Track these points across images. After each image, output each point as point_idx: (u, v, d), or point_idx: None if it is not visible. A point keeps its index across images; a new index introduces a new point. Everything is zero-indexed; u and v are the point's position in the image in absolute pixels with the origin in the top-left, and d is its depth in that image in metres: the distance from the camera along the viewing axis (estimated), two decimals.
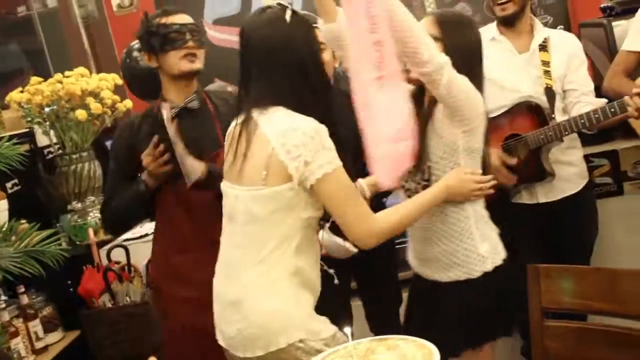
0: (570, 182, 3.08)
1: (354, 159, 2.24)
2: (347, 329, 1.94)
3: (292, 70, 2.05)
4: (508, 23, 3.07)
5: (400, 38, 2.03)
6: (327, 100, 2.10)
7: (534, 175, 2.99)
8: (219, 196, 2.25)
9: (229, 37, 5.63)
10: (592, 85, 3.08)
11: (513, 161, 2.89)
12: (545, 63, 3.02)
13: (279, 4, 2.12)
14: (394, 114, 1.88)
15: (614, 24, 3.64)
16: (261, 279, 2.06)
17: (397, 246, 3.07)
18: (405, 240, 2.60)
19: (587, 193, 3.18)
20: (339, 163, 1.98)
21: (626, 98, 2.66)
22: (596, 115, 2.79)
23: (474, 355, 2.32)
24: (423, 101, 2.37)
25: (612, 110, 2.74)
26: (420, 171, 2.32)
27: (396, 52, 2.05)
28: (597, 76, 4.03)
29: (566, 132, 2.88)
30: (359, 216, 2.00)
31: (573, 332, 2.05)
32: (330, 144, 1.97)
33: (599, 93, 3.22)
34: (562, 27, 5.85)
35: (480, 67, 2.34)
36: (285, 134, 1.97)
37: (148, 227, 3.88)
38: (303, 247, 2.07)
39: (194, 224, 2.61)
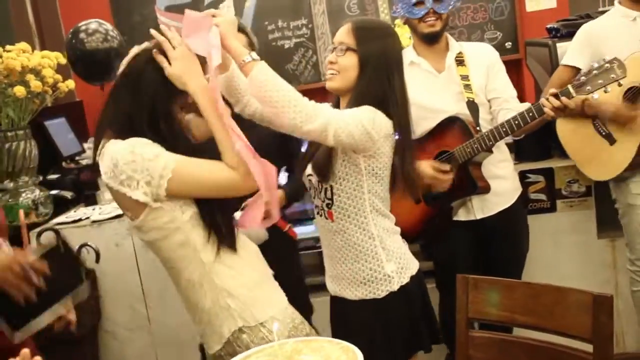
0: (505, 195, 3.10)
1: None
2: (275, 325, 1.93)
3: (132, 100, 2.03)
4: (432, 40, 3.03)
5: (274, 112, 2.06)
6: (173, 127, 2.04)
7: (466, 189, 2.99)
8: None
9: (178, 24, 5.60)
10: (513, 91, 3.10)
11: (446, 167, 2.87)
12: (464, 77, 3.01)
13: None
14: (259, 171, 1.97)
15: (558, 45, 3.69)
16: (191, 289, 2.08)
17: (300, 252, 3.13)
18: (311, 246, 2.58)
19: (520, 206, 3.22)
20: (173, 159, 1.94)
21: (542, 100, 2.71)
22: (516, 122, 2.81)
23: None
24: None
25: (530, 114, 2.77)
26: (323, 190, 2.31)
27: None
28: (538, 93, 4.11)
29: (490, 142, 2.88)
30: (219, 177, 1.97)
31: (497, 343, 2.08)
32: (151, 150, 1.93)
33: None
34: (510, 43, 5.97)
35: (399, 77, 2.32)
36: (112, 175, 1.96)
37: (82, 211, 3.83)
38: (207, 242, 2.06)
39: None
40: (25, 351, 1.36)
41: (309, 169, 2.34)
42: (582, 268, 3.69)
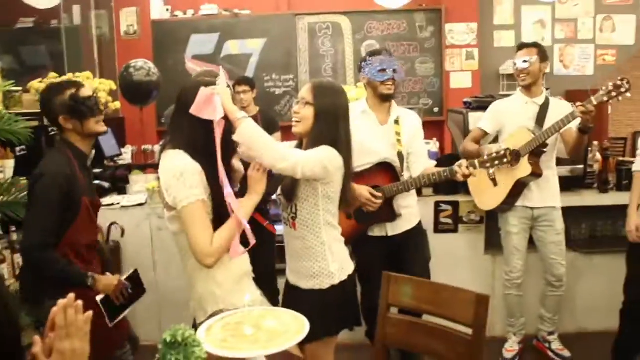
0: (410, 220, 3.06)
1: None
2: (247, 297, 1.91)
3: (188, 122, 1.99)
4: (386, 100, 2.99)
5: (257, 156, 2.04)
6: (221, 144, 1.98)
7: (388, 217, 2.97)
8: None
9: (198, 68, 5.62)
10: (426, 151, 3.12)
11: (379, 194, 2.84)
12: (398, 133, 3.00)
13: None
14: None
15: (470, 114, 3.76)
16: (193, 273, 2.06)
17: (278, 244, 3.02)
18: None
19: (420, 227, 3.16)
20: (197, 198, 1.91)
21: (455, 167, 2.68)
22: (434, 177, 2.80)
23: (320, 344, 2.27)
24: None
25: (445, 174, 2.74)
26: (290, 207, 2.27)
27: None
28: (454, 147, 4.17)
29: (412, 187, 2.90)
30: (198, 242, 1.92)
31: (406, 323, 2.09)
32: (191, 182, 1.91)
33: (457, 159, 3.35)
34: (437, 109, 6.06)
35: (345, 124, 2.27)
36: (165, 176, 1.95)
37: (114, 198, 3.79)
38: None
39: None
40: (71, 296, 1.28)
41: (279, 190, 2.32)
42: (472, 274, 3.73)
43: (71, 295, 1.24)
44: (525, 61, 3.29)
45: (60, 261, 2.30)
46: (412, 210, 3.09)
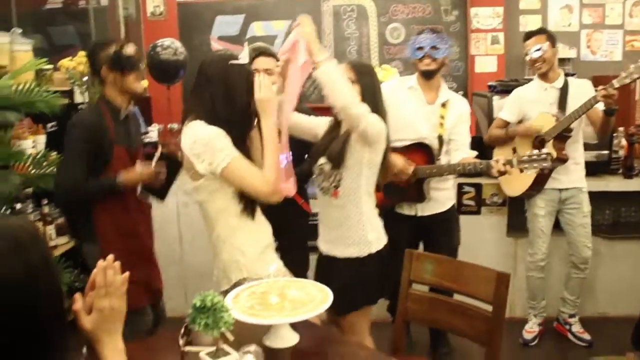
0: (443, 203, 3.06)
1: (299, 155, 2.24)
2: (272, 266, 1.95)
3: (209, 93, 2.03)
4: (427, 77, 2.96)
5: (332, 95, 2.11)
6: (242, 116, 2.06)
7: (416, 197, 2.96)
8: None
9: (223, 48, 5.63)
10: (469, 139, 3.03)
11: (412, 168, 2.84)
12: (442, 117, 2.97)
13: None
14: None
15: (494, 97, 3.76)
16: (217, 242, 2.10)
17: (310, 222, 2.99)
18: (315, 218, 2.55)
19: (453, 211, 3.17)
20: (232, 156, 1.97)
21: (492, 162, 2.66)
22: (469, 167, 2.79)
23: (359, 313, 2.33)
24: (340, 128, 2.35)
25: (481, 167, 2.74)
26: (333, 174, 2.30)
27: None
28: (478, 129, 4.17)
29: (445, 173, 2.89)
30: (257, 185, 1.99)
31: (427, 299, 2.14)
32: (221, 144, 1.96)
33: (479, 141, 3.41)
34: (462, 92, 5.99)
35: (382, 101, 2.32)
36: (191, 146, 1.99)
37: None
38: (238, 213, 2.07)
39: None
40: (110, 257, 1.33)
41: (322, 160, 2.32)
42: (494, 256, 3.73)
43: (110, 257, 1.30)
44: (537, 50, 3.26)
45: (88, 187, 2.36)
46: (446, 194, 3.08)
